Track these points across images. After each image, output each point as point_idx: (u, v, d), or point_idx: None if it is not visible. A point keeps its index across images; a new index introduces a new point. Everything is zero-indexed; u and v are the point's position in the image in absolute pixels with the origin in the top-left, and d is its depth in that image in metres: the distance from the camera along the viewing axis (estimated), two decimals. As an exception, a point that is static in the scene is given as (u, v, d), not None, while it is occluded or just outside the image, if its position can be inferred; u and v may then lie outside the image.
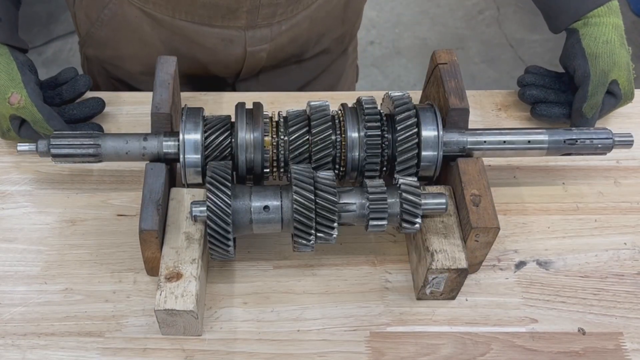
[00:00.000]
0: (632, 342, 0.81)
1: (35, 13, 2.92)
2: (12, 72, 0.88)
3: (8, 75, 0.88)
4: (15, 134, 0.90)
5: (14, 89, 0.87)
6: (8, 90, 0.87)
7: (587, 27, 0.95)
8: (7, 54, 0.90)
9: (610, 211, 0.93)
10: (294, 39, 1.13)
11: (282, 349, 0.79)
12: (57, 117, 0.89)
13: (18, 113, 0.88)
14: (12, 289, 0.82)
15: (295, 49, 1.17)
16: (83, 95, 0.96)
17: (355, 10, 1.23)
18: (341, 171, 0.84)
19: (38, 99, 0.89)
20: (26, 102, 0.87)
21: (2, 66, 0.88)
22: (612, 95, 0.96)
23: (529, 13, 3.01)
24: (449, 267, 0.77)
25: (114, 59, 1.17)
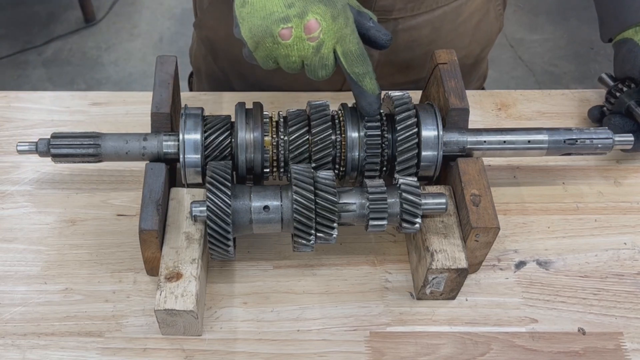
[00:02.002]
0: (632, 342, 0.81)
1: (35, 13, 2.92)
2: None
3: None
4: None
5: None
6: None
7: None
8: None
9: (610, 211, 0.93)
10: (411, 44, 1.08)
11: (282, 349, 0.79)
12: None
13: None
14: (12, 289, 0.82)
15: (412, 58, 1.10)
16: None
17: (487, 33, 1.16)
18: (341, 171, 0.84)
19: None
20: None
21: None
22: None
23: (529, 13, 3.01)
24: (449, 267, 0.77)
25: (227, 40, 1.14)
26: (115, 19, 2.94)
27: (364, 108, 0.79)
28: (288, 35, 0.72)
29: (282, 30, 0.72)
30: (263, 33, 0.72)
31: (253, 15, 0.72)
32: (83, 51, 2.80)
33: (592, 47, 2.84)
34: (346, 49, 0.75)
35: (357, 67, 0.76)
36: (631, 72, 0.94)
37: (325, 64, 0.75)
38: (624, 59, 0.95)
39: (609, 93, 0.97)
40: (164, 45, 2.82)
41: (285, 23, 0.72)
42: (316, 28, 0.72)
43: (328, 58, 0.75)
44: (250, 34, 0.73)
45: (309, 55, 0.74)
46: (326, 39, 0.73)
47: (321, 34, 0.73)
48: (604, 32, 1.01)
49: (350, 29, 0.75)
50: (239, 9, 0.73)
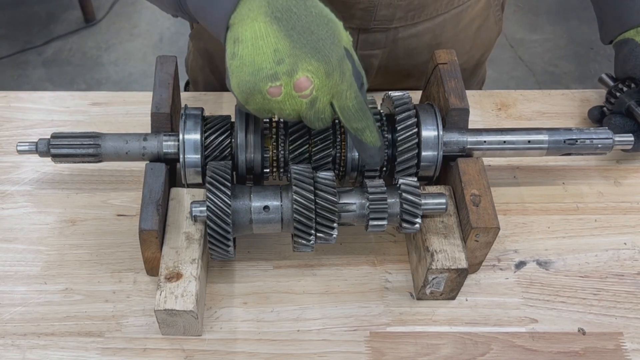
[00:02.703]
0: (632, 342, 0.81)
1: (35, 13, 2.92)
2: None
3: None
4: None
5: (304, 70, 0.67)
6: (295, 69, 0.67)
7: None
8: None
9: (610, 211, 0.93)
10: (412, 52, 1.07)
11: (282, 349, 0.79)
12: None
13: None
14: (12, 289, 0.82)
15: (412, 66, 1.09)
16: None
17: (486, 38, 1.16)
18: (341, 171, 0.84)
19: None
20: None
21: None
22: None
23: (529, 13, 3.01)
24: (449, 267, 0.77)
25: (223, 53, 1.13)
26: (115, 19, 2.94)
27: (365, 160, 0.76)
28: (277, 93, 0.68)
29: (271, 89, 0.67)
30: (251, 90, 0.68)
31: (242, 70, 0.68)
32: (83, 51, 2.80)
33: (592, 47, 2.84)
34: (343, 104, 0.70)
35: (355, 122, 0.71)
36: (633, 72, 0.94)
37: (321, 118, 0.71)
38: (625, 59, 0.95)
39: (609, 93, 0.97)
40: (164, 45, 2.82)
41: (274, 81, 0.67)
42: (307, 86, 0.67)
43: (324, 112, 0.70)
44: (239, 90, 0.69)
45: (303, 110, 0.70)
46: (320, 94, 0.68)
47: (314, 91, 0.68)
48: (604, 34, 1.01)
49: (347, 83, 0.69)
50: (229, 60, 0.69)
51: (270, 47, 0.67)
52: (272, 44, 0.67)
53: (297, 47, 0.67)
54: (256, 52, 0.67)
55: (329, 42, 0.68)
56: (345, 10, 0.99)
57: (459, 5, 1.05)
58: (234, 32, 0.68)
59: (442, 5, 1.03)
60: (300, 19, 0.67)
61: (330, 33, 0.68)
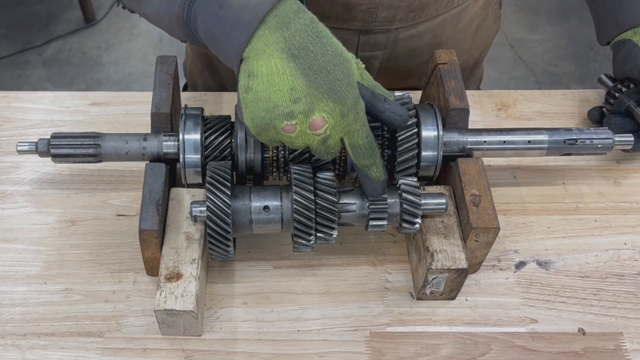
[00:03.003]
0: (632, 342, 0.81)
1: (35, 13, 2.92)
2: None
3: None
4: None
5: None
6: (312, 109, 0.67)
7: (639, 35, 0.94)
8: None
9: (610, 211, 0.93)
10: (412, 53, 1.07)
11: (282, 349, 0.79)
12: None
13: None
14: (12, 289, 0.82)
15: (413, 66, 1.09)
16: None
17: (485, 37, 1.16)
18: (341, 171, 0.84)
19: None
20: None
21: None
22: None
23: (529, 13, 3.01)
24: (449, 267, 0.77)
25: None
26: (115, 19, 2.94)
27: (367, 192, 0.77)
28: (292, 130, 0.68)
29: (286, 127, 0.67)
30: (266, 125, 0.68)
31: (256, 105, 0.67)
32: (83, 51, 2.80)
33: (592, 47, 2.84)
34: (354, 142, 0.71)
35: (364, 159, 0.73)
36: (631, 72, 0.94)
37: (331, 152, 0.72)
38: (624, 59, 0.95)
39: (608, 94, 0.97)
40: (164, 45, 2.82)
41: (290, 120, 0.67)
42: (322, 125, 0.68)
43: (335, 147, 0.71)
44: (252, 124, 0.68)
45: (314, 145, 0.70)
46: (333, 133, 0.69)
47: (327, 130, 0.68)
48: (601, 35, 1.01)
49: (359, 123, 0.70)
50: (242, 93, 0.68)
51: (287, 84, 0.66)
52: (288, 82, 0.66)
53: (314, 87, 0.66)
54: (272, 89, 0.66)
55: (345, 83, 0.67)
56: (346, 12, 0.99)
57: (459, 4, 1.05)
58: (248, 65, 0.67)
59: (442, 5, 1.03)
60: (317, 58, 0.66)
61: (346, 73, 0.68)
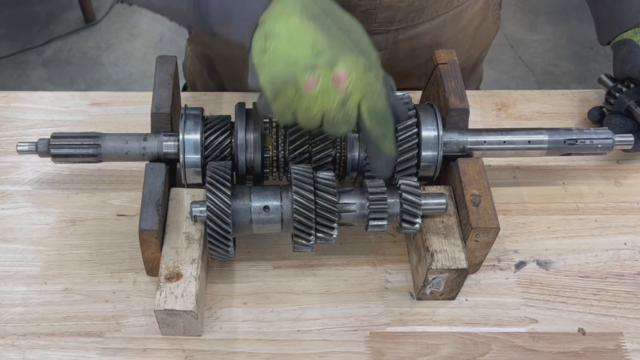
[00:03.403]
0: (632, 342, 0.81)
1: (35, 13, 2.92)
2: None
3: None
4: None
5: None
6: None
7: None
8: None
9: (610, 211, 0.93)
10: (412, 53, 1.07)
11: (282, 349, 0.79)
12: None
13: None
14: (12, 289, 0.82)
15: (413, 67, 1.09)
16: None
17: (485, 37, 1.16)
18: (341, 171, 0.84)
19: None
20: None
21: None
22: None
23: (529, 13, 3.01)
24: (449, 267, 0.77)
25: (223, 57, 1.12)
26: (115, 19, 2.94)
27: (377, 169, 0.74)
28: (314, 84, 0.65)
29: (309, 80, 0.64)
30: (286, 81, 0.65)
31: (275, 63, 0.65)
32: (83, 51, 2.80)
33: (592, 47, 2.84)
34: (372, 105, 0.68)
35: (380, 127, 0.69)
36: (631, 72, 0.94)
37: (348, 120, 0.68)
38: (624, 59, 0.95)
39: (608, 94, 0.97)
40: (164, 45, 2.82)
41: (312, 71, 0.64)
42: (345, 79, 0.65)
43: (352, 114, 0.68)
44: (270, 82, 0.66)
45: (332, 109, 0.67)
46: (354, 92, 0.66)
47: (350, 86, 0.66)
48: (602, 35, 1.01)
49: (380, 84, 0.68)
50: (258, 56, 0.66)
51: (308, 40, 0.65)
52: (310, 37, 0.65)
53: (336, 41, 0.65)
54: (292, 46, 0.65)
55: (367, 41, 0.67)
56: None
57: (459, 5, 1.05)
58: (264, 28, 0.66)
59: (442, 5, 1.03)
60: (336, 20, 0.66)
61: (366, 35, 0.68)
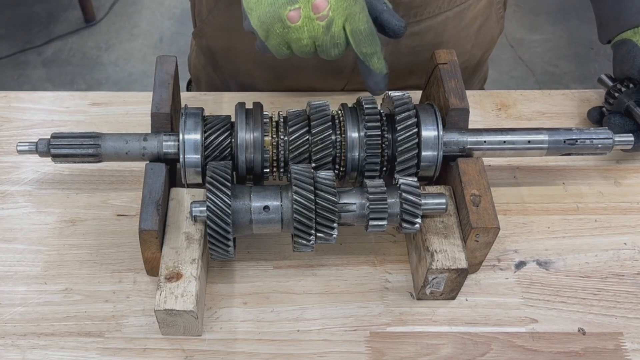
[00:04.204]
0: (632, 342, 0.81)
1: (35, 13, 2.92)
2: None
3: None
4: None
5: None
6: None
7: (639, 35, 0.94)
8: None
9: (610, 211, 0.93)
10: (414, 50, 1.07)
11: (282, 349, 0.79)
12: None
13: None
14: (12, 289, 0.82)
15: (415, 64, 1.10)
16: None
17: (488, 37, 1.17)
18: (341, 171, 0.84)
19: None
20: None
21: None
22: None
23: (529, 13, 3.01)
24: (449, 267, 0.77)
25: (227, 51, 1.14)
26: (115, 19, 2.94)
27: (370, 87, 0.79)
28: (297, 17, 0.72)
29: (290, 13, 0.72)
30: (272, 19, 0.72)
31: (260, 4, 0.72)
32: (83, 51, 2.80)
33: (592, 47, 2.84)
34: (355, 27, 0.74)
35: (365, 46, 0.75)
36: (630, 72, 0.94)
37: (337, 43, 0.75)
38: (623, 59, 0.95)
39: (607, 94, 0.97)
40: (164, 45, 2.82)
41: (293, 4, 0.71)
42: (324, 6, 0.71)
43: (339, 36, 0.74)
44: (259, 22, 0.73)
45: (319, 35, 0.74)
46: (335, 16, 0.72)
47: (330, 11, 0.72)
48: (602, 33, 1.01)
49: (359, 6, 0.73)
50: (246, 1, 0.74)
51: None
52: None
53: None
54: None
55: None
56: None
57: (461, 3, 1.05)
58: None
59: (445, 3, 1.03)
60: None
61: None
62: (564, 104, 1.05)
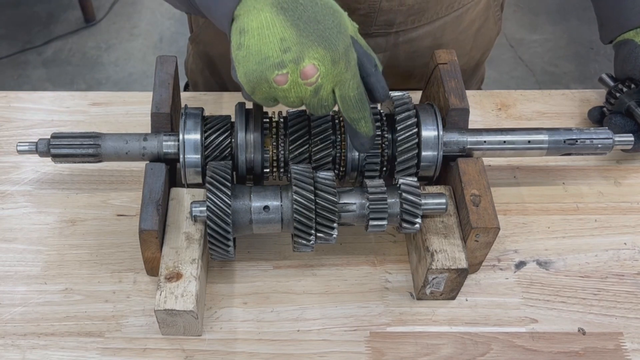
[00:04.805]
0: (632, 342, 0.81)
1: (35, 13, 2.92)
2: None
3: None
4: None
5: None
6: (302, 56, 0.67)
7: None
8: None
9: (610, 211, 0.93)
10: (412, 55, 1.07)
11: (282, 349, 0.79)
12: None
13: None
14: (12, 289, 0.82)
15: (413, 68, 1.10)
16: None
17: (486, 39, 1.17)
18: (341, 171, 0.84)
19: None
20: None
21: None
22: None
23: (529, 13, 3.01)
24: (449, 267, 0.77)
25: (225, 56, 1.10)
26: (115, 19, 2.94)
27: (355, 147, 0.76)
28: (284, 81, 0.68)
29: (277, 77, 0.67)
30: (258, 79, 0.68)
31: (248, 60, 0.68)
32: (83, 51, 2.80)
33: (592, 47, 2.84)
34: (344, 93, 0.70)
35: (353, 112, 0.72)
36: (632, 73, 0.94)
37: (324, 105, 0.72)
38: (625, 59, 0.95)
39: (609, 93, 0.97)
40: (164, 45, 2.82)
41: (280, 69, 0.67)
42: (313, 73, 0.68)
43: (327, 100, 0.71)
44: (246, 79, 0.69)
45: (307, 97, 0.70)
46: (325, 82, 0.69)
47: (319, 78, 0.68)
48: (604, 34, 1.01)
49: (351, 73, 0.70)
50: (235, 51, 0.69)
51: (276, 36, 0.67)
52: (278, 33, 0.67)
53: (304, 35, 0.67)
54: (262, 42, 0.67)
55: (336, 31, 0.68)
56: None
57: (459, 7, 1.05)
58: (239, 23, 0.69)
59: (443, 8, 1.03)
60: (306, 9, 0.67)
61: (337, 22, 0.69)
62: (564, 104, 1.05)
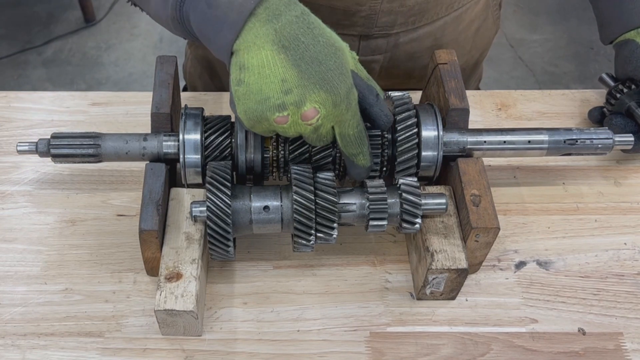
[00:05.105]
0: (632, 342, 0.81)
1: (35, 13, 2.92)
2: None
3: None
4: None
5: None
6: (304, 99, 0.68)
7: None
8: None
9: (610, 211, 0.93)
10: (412, 56, 1.07)
11: (282, 349, 0.79)
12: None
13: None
14: (12, 289, 0.82)
15: (413, 69, 1.10)
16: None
17: (485, 38, 1.17)
18: (341, 171, 0.84)
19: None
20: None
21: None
22: None
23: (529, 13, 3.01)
24: (449, 267, 0.77)
25: (222, 62, 1.13)
26: (115, 19, 2.94)
27: (351, 176, 0.78)
28: (284, 121, 0.68)
29: (278, 118, 0.68)
30: (259, 117, 0.68)
31: (248, 98, 0.68)
32: (83, 51, 2.80)
33: (592, 47, 2.84)
34: (344, 132, 0.72)
35: (352, 149, 0.74)
36: (633, 73, 0.94)
37: (322, 140, 0.73)
38: (626, 60, 0.95)
39: (609, 94, 0.97)
40: (164, 45, 2.82)
41: (281, 111, 0.67)
42: (314, 116, 0.68)
43: (326, 136, 0.72)
44: (245, 117, 0.69)
45: (307, 133, 0.71)
46: (325, 122, 0.70)
47: (320, 119, 0.69)
48: (604, 34, 1.01)
49: (351, 113, 0.70)
50: (234, 86, 0.69)
51: (277, 76, 0.66)
52: (279, 74, 0.66)
53: (305, 77, 0.66)
54: (263, 81, 0.67)
55: (337, 73, 0.67)
56: (347, 18, 0.99)
57: (459, 7, 1.05)
58: (239, 58, 0.68)
59: (442, 9, 1.03)
60: (308, 49, 0.66)
61: (339, 63, 0.68)
62: (564, 104, 1.05)
